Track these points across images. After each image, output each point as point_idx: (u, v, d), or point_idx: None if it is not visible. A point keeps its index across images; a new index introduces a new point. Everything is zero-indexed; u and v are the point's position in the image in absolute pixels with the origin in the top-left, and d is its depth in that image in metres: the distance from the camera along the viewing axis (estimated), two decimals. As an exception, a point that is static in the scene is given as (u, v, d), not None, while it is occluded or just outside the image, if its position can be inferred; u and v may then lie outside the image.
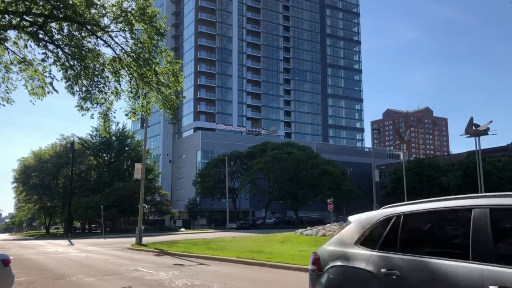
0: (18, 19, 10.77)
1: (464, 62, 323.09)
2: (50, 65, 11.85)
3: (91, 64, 12.20)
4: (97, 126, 63.01)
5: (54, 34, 11.53)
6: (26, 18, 10.96)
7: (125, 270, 14.15)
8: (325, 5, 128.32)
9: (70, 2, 10.79)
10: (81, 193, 66.03)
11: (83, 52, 11.74)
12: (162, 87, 13.15)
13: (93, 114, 12.78)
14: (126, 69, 12.62)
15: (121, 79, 12.73)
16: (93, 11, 11.36)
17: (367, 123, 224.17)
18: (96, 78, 12.43)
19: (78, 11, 10.83)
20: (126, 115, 13.61)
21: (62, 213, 66.78)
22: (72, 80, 12.10)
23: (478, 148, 28.03)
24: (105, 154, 70.43)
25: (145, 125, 31.29)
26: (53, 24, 11.40)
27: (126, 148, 70.77)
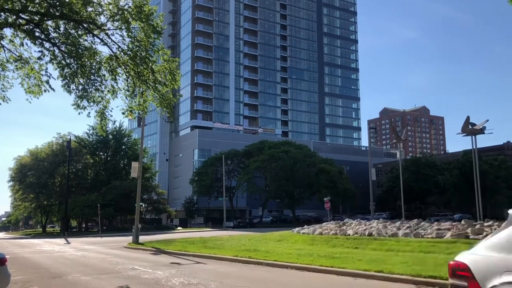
0: (14, 17, 10.72)
1: (461, 62, 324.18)
2: (46, 63, 11.82)
3: (88, 62, 12.17)
4: (93, 125, 62.96)
5: (50, 32, 11.48)
6: (22, 16, 10.91)
7: (121, 269, 14.13)
8: (322, 3, 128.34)
9: (67, 0, 10.74)
10: (77, 191, 65.89)
11: (80, 50, 11.70)
12: (159, 86, 13.14)
13: (89, 113, 12.77)
14: (123, 67, 12.60)
15: (117, 78, 12.72)
16: (89, 9, 11.34)
17: (364, 122, 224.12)
18: (92, 77, 12.40)
19: (75, 9, 10.79)
20: (123, 114, 13.60)
21: (58, 211, 66.63)
22: (68, 78, 12.06)
23: (475, 147, 28.10)
24: (101, 153, 70.22)
25: (142, 123, 31.23)
26: (49, 22, 11.35)
27: (123, 146, 70.61)
